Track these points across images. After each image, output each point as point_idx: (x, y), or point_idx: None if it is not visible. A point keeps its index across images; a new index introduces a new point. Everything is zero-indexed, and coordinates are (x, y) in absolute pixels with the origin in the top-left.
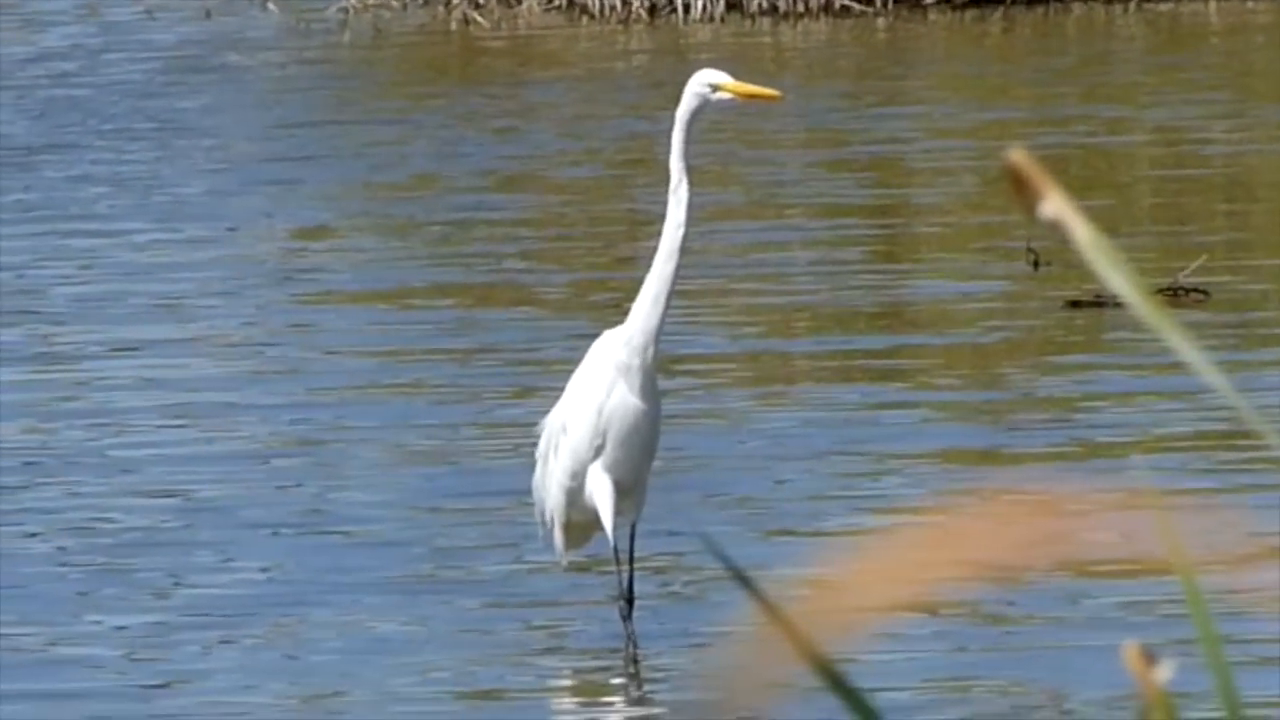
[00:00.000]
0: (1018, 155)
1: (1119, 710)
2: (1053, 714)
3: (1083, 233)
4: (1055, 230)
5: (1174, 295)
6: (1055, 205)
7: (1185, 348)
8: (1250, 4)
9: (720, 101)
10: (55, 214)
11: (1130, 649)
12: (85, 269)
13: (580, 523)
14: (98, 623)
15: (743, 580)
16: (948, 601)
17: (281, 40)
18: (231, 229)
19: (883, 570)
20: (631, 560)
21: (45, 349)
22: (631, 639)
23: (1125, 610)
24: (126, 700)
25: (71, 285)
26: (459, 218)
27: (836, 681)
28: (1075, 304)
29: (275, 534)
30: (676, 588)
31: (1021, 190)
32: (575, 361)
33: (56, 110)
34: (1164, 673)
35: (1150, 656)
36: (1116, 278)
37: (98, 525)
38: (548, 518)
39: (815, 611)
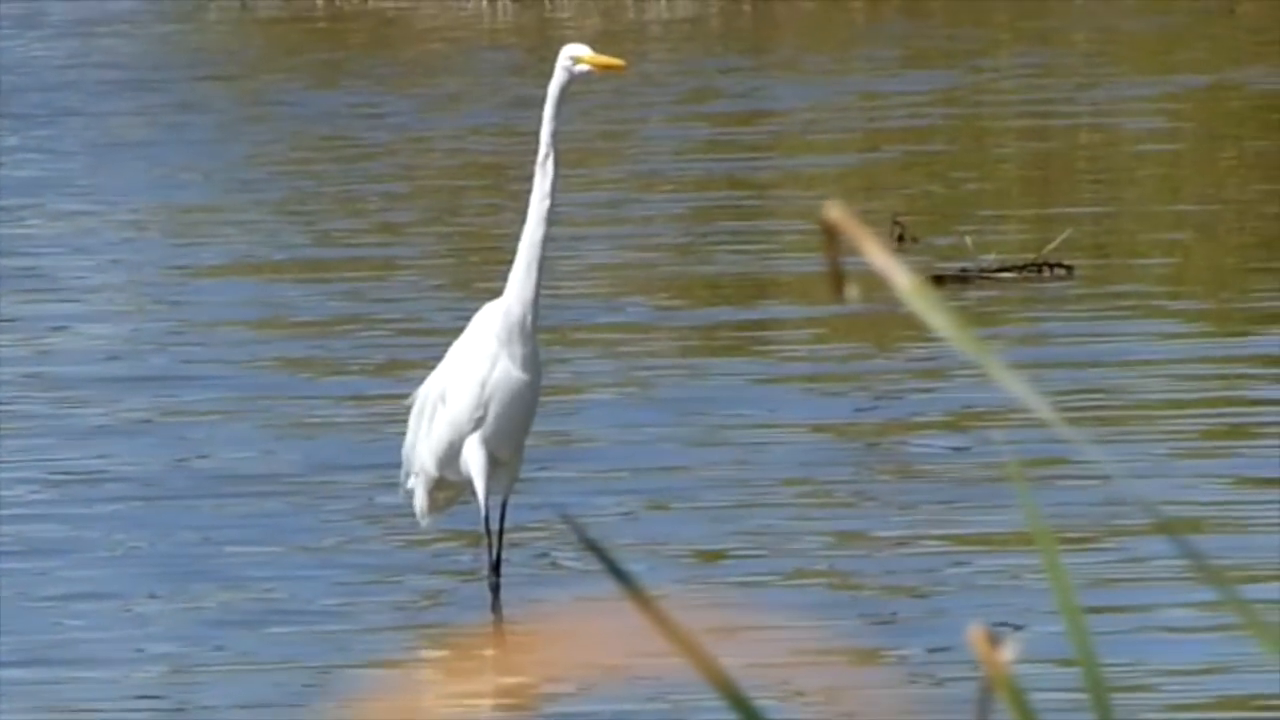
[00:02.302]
0: (834, 211)
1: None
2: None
3: (903, 281)
4: (866, 283)
5: (1038, 271)
6: (876, 257)
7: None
8: None
9: (580, 72)
10: None
11: (975, 631)
12: None
13: (446, 490)
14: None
15: (601, 556)
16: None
17: (145, 14)
18: (105, 204)
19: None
20: (501, 534)
21: None
22: (498, 612)
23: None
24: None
25: None
26: (331, 192)
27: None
28: (938, 279)
29: (148, 505)
30: (549, 562)
31: (834, 243)
32: (446, 333)
33: None
34: (1009, 653)
35: (994, 637)
36: (938, 320)
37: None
38: (414, 483)
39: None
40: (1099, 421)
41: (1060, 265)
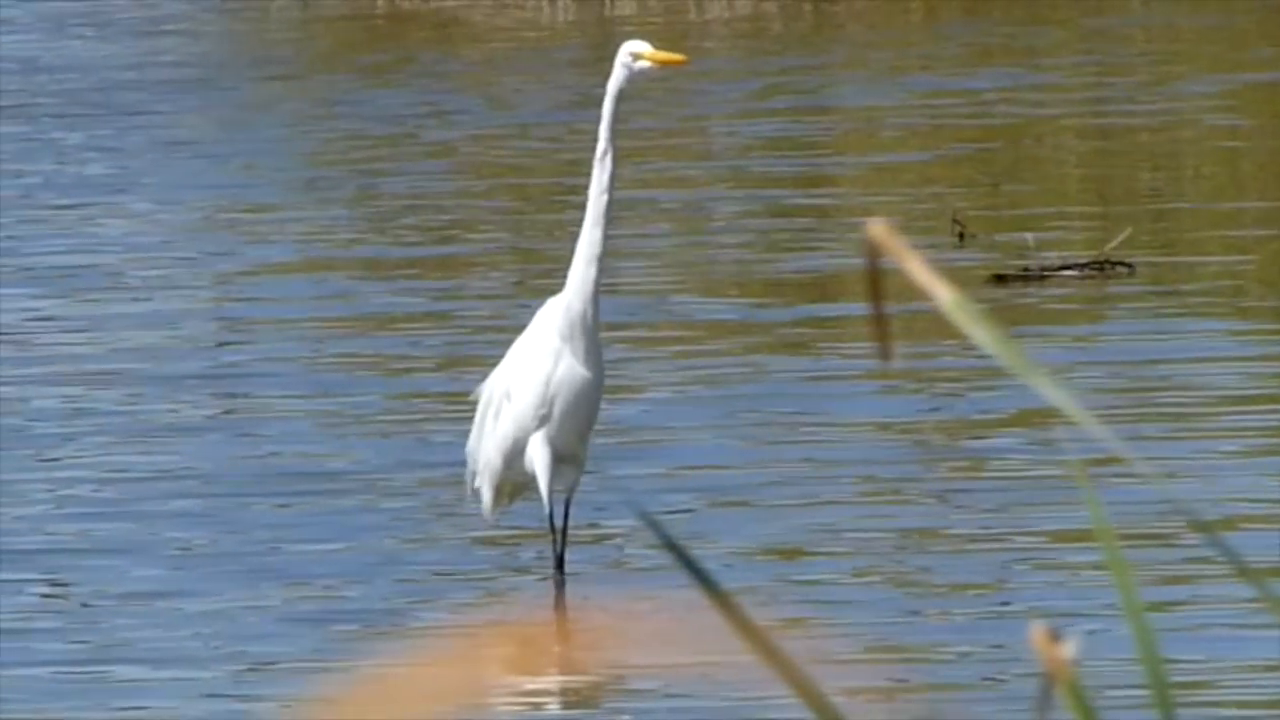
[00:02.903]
0: (877, 228)
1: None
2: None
3: (945, 295)
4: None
5: (1100, 269)
6: (919, 272)
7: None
8: None
9: (641, 69)
10: None
11: (1036, 629)
12: (20, 240)
13: (511, 485)
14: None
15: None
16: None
17: (206, 14)
18: (170, 202)
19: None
20: (566, 531)
21: None
22: (562, 609)
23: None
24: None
25: (6, 257)
26: (393, 190)
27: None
28: (1000, 277)
29: (214, 503)
30: (615, 558)
31: (878, 260)
32: (509, 330)
33: None
34: (1069, 650)
35: (1056, 635)
36: (981, 335)
37: (14, 499)
38: (479, 479)
39: None
40: (1162, 419)
41: (1122, 263)
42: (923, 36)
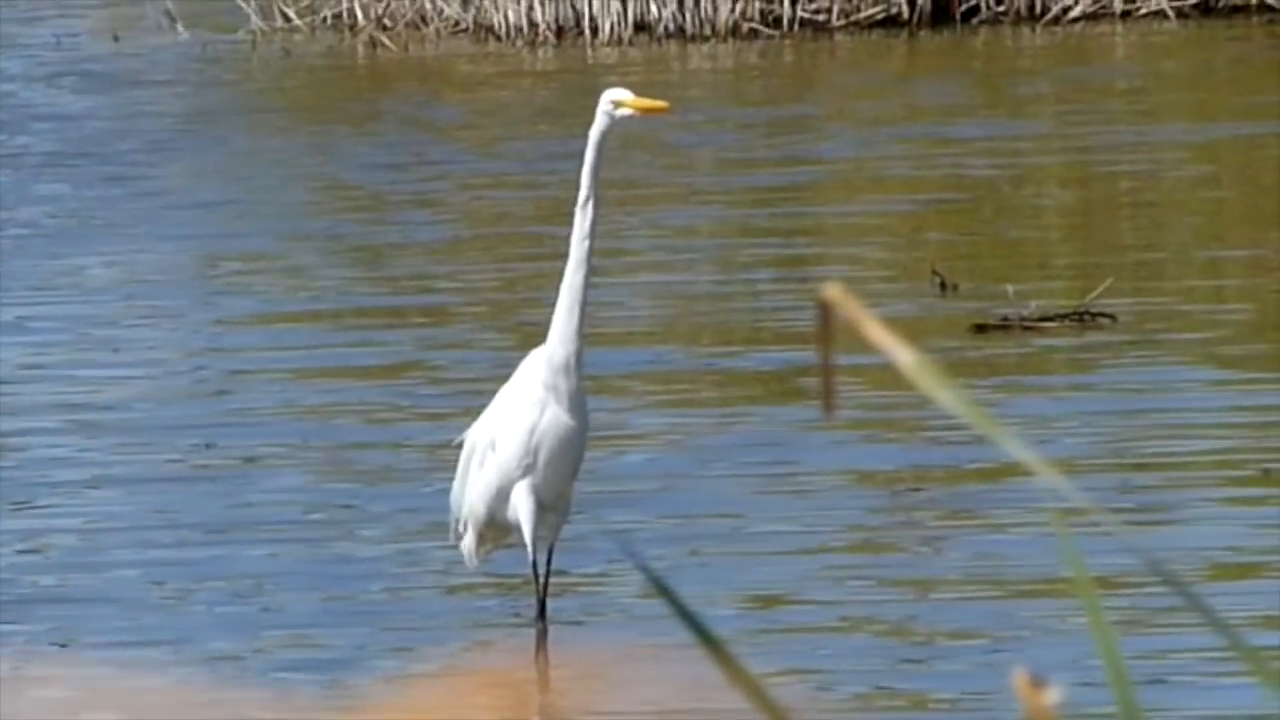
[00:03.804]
0: (832, 290)
1: None
2: None
3: (906, 359)
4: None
5: (1080, 320)
6: (877, 335)
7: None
8: (1156, 24)
9: (623, 117)
10: None
11: (1019, 676)
12: (10, 289)
13: (495, 532)
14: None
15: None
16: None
17: (191, 64)
18: (148, 251)
19: None
20: (548, 579)
21: None
22: (544, 657)
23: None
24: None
25: None
26: (375, 239)
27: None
28: (981, 327)
29: (192, 551)
30: (598, 606)
31: (831, 323)
32: (492, 379)
33: None
34: (1052, 697)
35: (1039, 682)
36: (944, 395)
37: (26, 549)
38: (463, 526)
39: None
40: (1145, 469)
41: (1103, 314)
42: (904, 86)
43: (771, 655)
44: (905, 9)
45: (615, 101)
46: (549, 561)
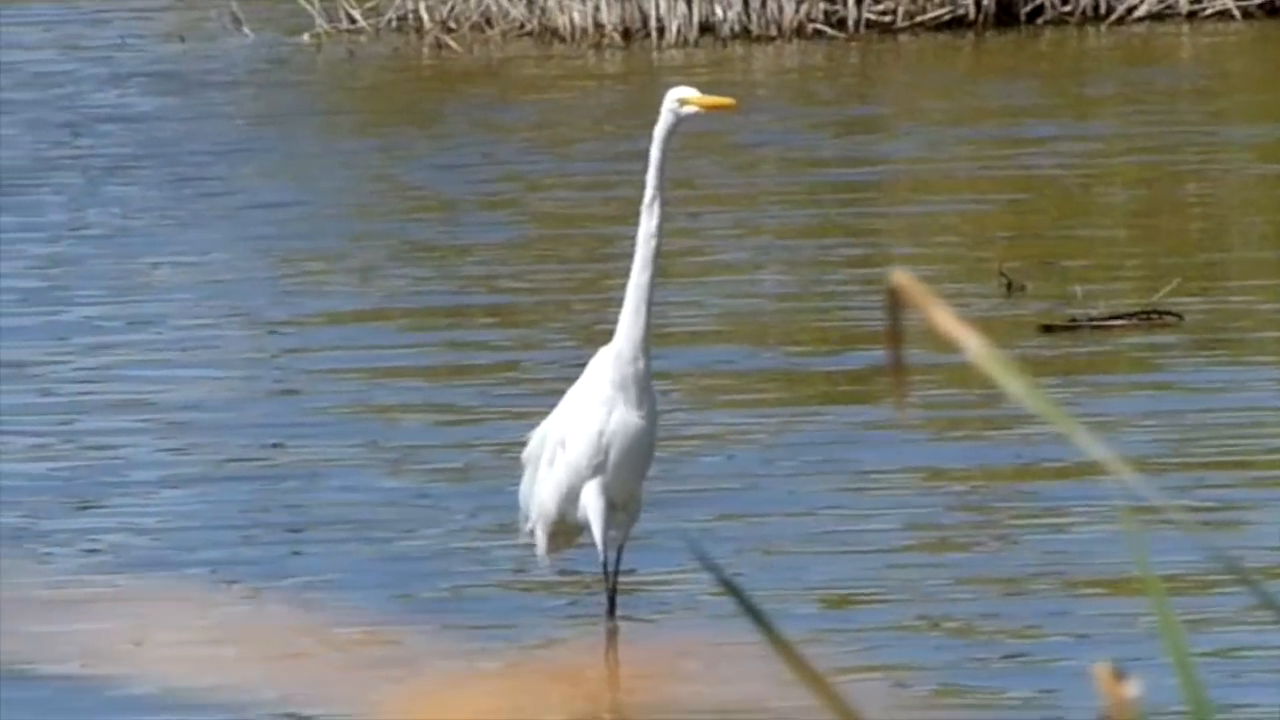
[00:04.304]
0: (900, 277)
1: None
2: None
3: (974, 344)
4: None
5: (1148, 319)
6: (944, 321)
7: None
8: (1222, 25)
9: (688, 115)
10: (49, 235)
11: (1101, 668)
12: (81, 290)
13: (565, 531)
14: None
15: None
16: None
17: (258, 65)
18: (218, 252)
19: None
20: (616, 576)
21: (45, 369)
22: (614, 655)
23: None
24: None
25: (70, 306)
26: (444, 240)
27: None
28: (1048, 328)
29: (258, 550)
30: (668, 604)
31: (901, 309)
32: (560, 380)
33: (43, 133)
34: (1133, 690)
35: (1120, 674)
36: (1013, 384)
37: (96, 549)
38: (532, 525)
39: None
40: (1212, 467)
41: (1170, 313)
42: (970, 87)
43: (842, 654)
44: (971, 10)
45: (681, 99)
46: (619, 560)
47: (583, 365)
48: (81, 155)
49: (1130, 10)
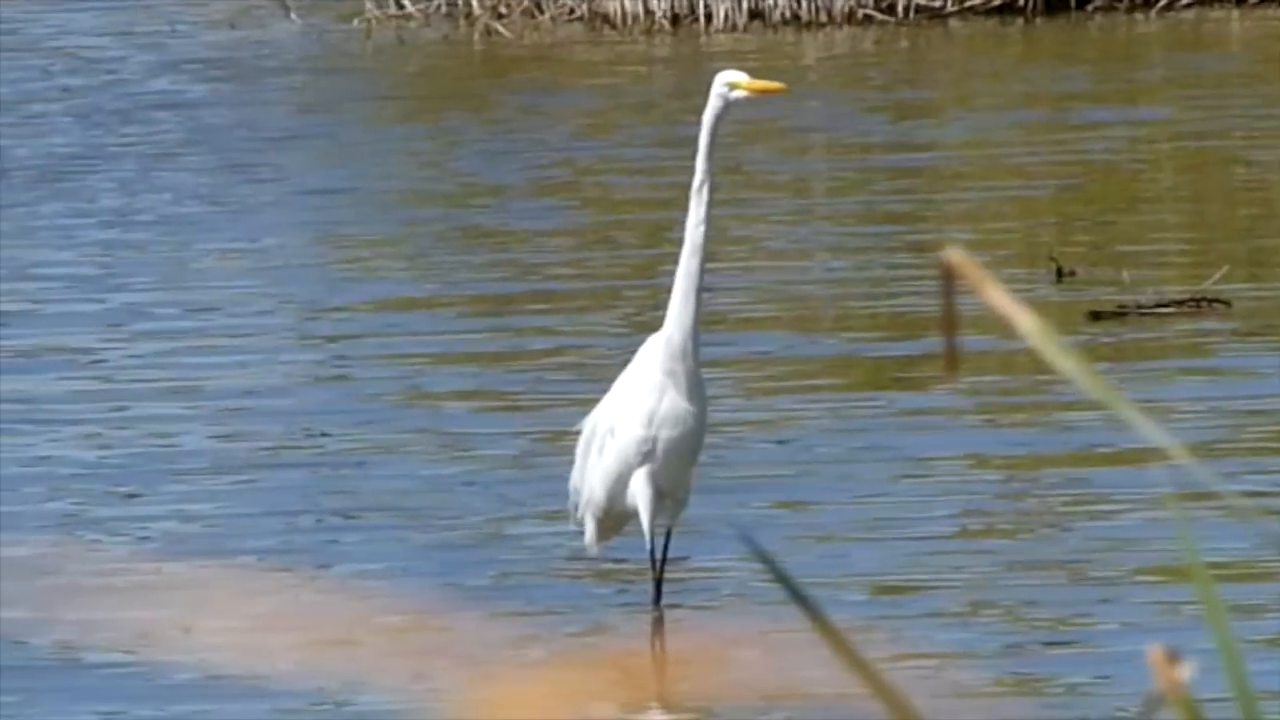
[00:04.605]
0: (954, 255)
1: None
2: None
3: (1027, 323)
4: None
5: (1197, 306)
6: (999, 300)
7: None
8: (1271, 10)
9: (738, 99)
10: (102, 221)
11: (1155, 650)
12: (135, 276)
13: (614, 518)
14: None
15: (785, 582)
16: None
17: (307, 51)
18: (269, 238)
19: None
20: (664, 563)
21: (96, 355)
22: (661, 642)
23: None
24: None
25: (122, 292)
26: (495, 226)
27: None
28: (1097, 315)
29: (307, 538)
30: (718, 591)
31: (955, 287)
32: (611, 366)
33: (94, 120)
34: (1186, 673)
35: (1174, 658)
36: (1067, 364)
37: (147, 535)
38: (582, 512)
39: None
40: (1266, 452)
41: (1219, 300)
42: (1020, 73)
43: (892, 641)
44: None
45: (730, 84)
46: (666, 547)
47: (634, 352)
48: (133, 142)
49: None
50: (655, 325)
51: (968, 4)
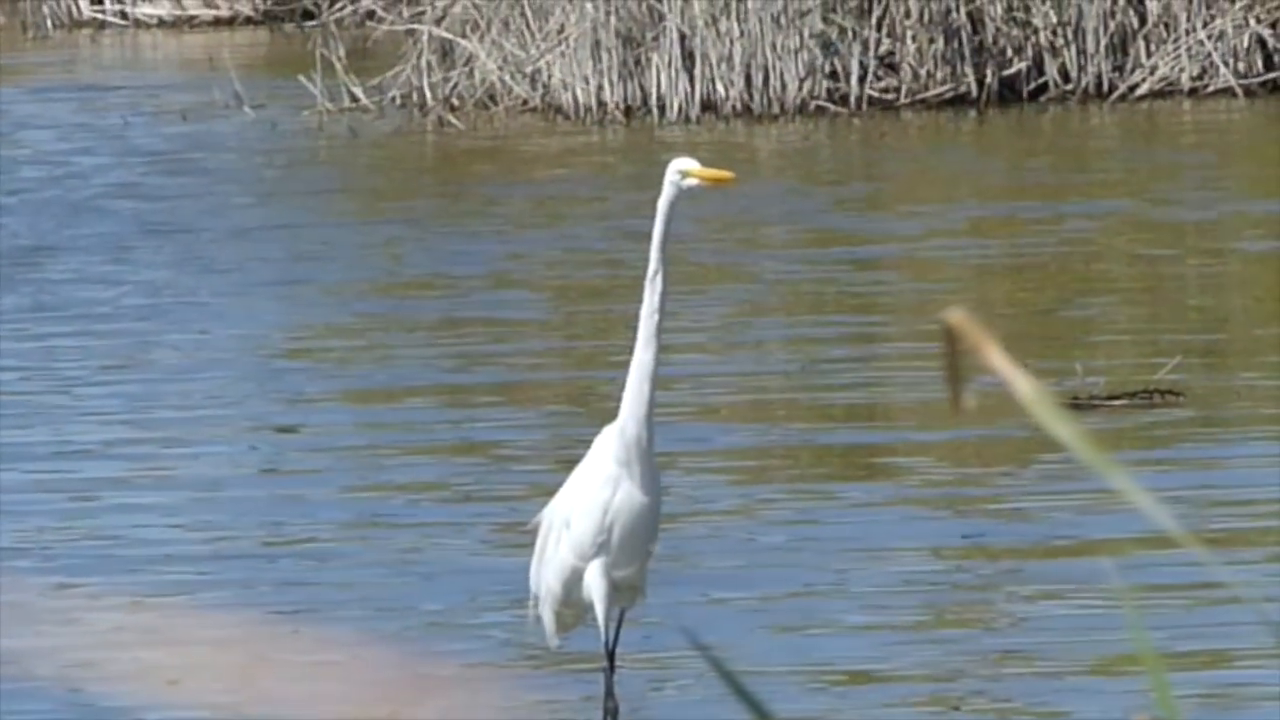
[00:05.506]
0: (955, 315)
1: None
2: None
3: (1024, 387)
4: (997, 384)
5: (1150, 398)
6: (998, 363)
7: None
8: (1224, 102)
9: (689, 187)
10: (57, 314)
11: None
12: (85, 368)
13: (573, 610)
14: None
15: (727, 677)
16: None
17: (260, 144)
18: (226, 329)
19: None
20: (616, 641)
21: (51, 446)
22: None
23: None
24: None
25: (74, 385)
26: (448, 317)
27: None
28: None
29: (251, 636)
30: (667, 687)
31: (957, 349)
32: (567, 460)
33: (50, 213)
34: None
35: None
36: (1060, 429)
37: (86, 619)
38: (540, 605)
39: None
40: (1217, 544)
41: (1172, 391)
42: (973, 164)
43: None
44: (973, 87)
45: (682, 171)
46: (619, 628)
47: (588, 443)
48: (84, 235)
49: (1133, 88)
50: (610, 416)
51: (920, 96)
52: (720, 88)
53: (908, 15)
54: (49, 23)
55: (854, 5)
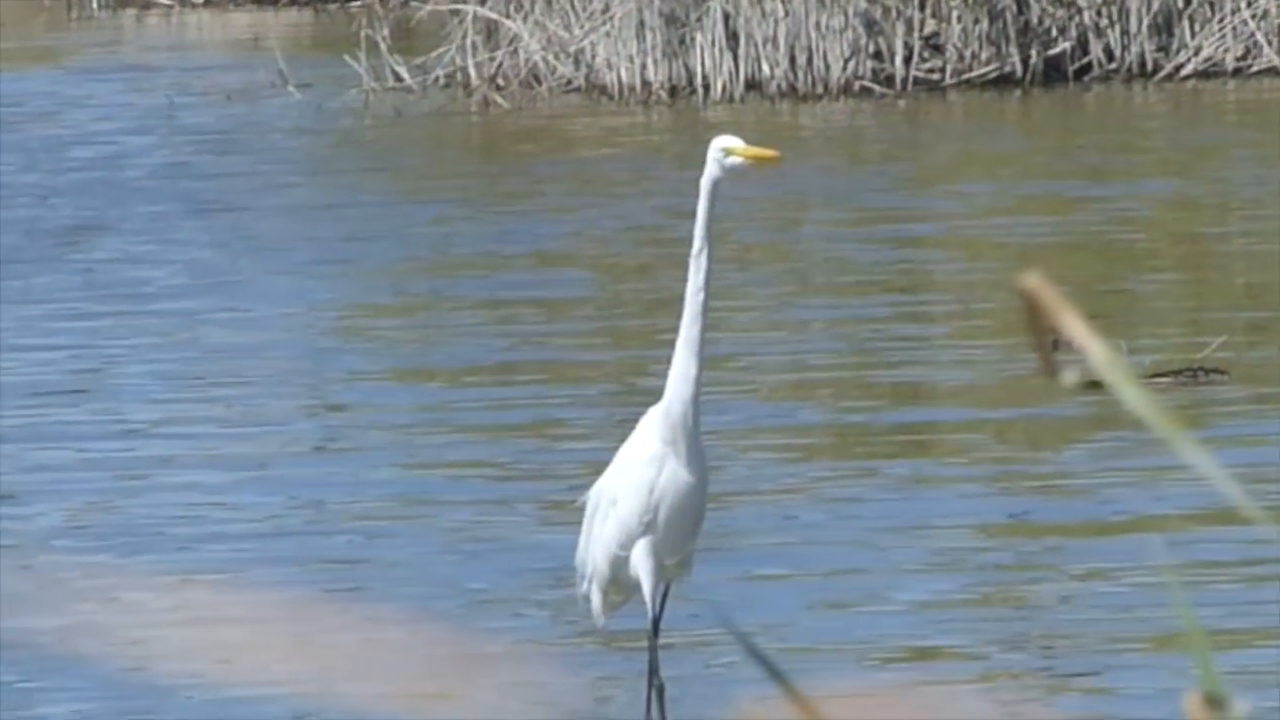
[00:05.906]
0: (1032, 280)
1: None
2: None
3: (1099, 353)
4: (1071, 352)
5: (1194, 377)
6: (1071, 328)
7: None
8: (1268, 81)
9: (733, 165)
10: (104, 294)
11: (1191, 697)
12: (132, 347)
13: (620, 590)
14: None
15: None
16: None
17: (305, 123)
18: (273, 308)
19: None
20: (661, 617)
21: (92, 428)
22: (663, 713)
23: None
24: None
25: (123, 364)
26: (496, 296)
27: None
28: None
29: (299, 618)
30: (712, 665)
31: (1035, 314)
32: (613, 436)
33: (97, 193)
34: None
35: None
36: (1133, 396)
37: (135, 598)
38: (587, 585)
39: None
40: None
41: (1217, 370)
42: (1018, 143)
43: (897, 708)
44: (1018, 67)
45: (725, 149)
46: (663, 606)
47: (635, 422)
48: (131, 215)
49: (1178, 68)
50: (656, 395)
51: (965, 76)
52: (765, 67)
53: None
54: (94, 3)
55: None
